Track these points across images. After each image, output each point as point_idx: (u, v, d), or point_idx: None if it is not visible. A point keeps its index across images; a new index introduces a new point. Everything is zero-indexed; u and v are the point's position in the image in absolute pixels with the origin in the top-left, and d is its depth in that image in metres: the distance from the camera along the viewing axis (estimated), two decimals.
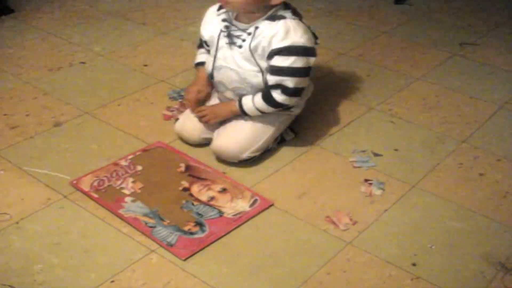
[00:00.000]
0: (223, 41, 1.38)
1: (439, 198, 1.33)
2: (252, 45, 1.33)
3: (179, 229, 1.20)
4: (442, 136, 1.56)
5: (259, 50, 1.33)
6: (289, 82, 1.33)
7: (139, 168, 1.37)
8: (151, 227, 1.20)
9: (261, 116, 1.39)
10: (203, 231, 1.20)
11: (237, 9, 1.33)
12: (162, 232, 1.19)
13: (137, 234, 1.20)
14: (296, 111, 1.45)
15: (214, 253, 1.16)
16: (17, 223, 1.22)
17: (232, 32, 1.37)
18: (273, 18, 1.33)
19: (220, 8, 1.41)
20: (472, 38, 2.14)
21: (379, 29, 2.19)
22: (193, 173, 1.36)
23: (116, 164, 1.38)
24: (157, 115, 1.60)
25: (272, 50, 1.31)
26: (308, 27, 1.38)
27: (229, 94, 1.42)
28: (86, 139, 1.49)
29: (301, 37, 1.32)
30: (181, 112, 1.54)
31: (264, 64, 1.34)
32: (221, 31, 1.39)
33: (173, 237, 1.18)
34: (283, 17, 1.33)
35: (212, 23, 1.42)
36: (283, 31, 1.31)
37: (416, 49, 2.04)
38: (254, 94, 1.38)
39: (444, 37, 2.14)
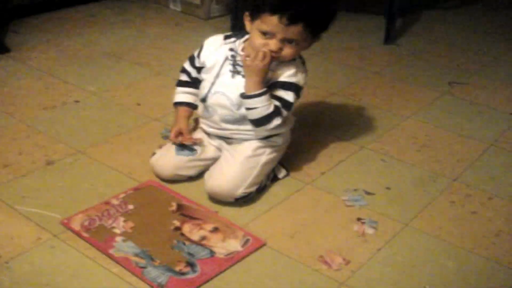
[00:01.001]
0: (227, 68, 1.43)
1: (432, 237, 1.33)
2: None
3: (170, 269, 1.19)
4: (433, 174, 1.57)
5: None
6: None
7: (131, 207, 1.37)
8: (141, 267, 1.19)
9: (249, 151, 1.42)
10: (194, 271, 1.19)
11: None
12: (153, 272, 1.18)
13: (127, 275, 1.18)
14: (278, 141, 1.46)
15: None
16: (7, 262, 1.20)
17: (238, 62, 1.41)
18: None
19: (226, 37, 1.46)
20: (460, 78, 2.18)
21: (369, 69, 2.22)
22: (185, 212, 1.36)
23: (107, 203, 1.38)
24: (149, 153, 1.60)
25: (279, 81, 1.39)
26: None
27: (216, 118, 1.45)
28: (79, 178, 1.49)
29: (303, 79, 1.43)
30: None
31: None
32: (227, 59, 1.43)
33: (164, 278, 1.16)
34: (293, 59, 1.41)
35: (218, 51, 1.45)
36: (294, 70, 1.40)
37: (405, 89, 2.08)
38: (240, 122, 1.42)
39: (433, 77, 2.18)
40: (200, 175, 1.48)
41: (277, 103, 1.39)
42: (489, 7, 3.05)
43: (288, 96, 1.40)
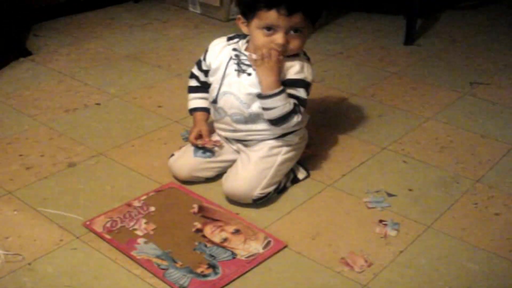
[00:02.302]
0: (232, 68, 1.43)
1: (455, 239, 1.31)
2: None
3: (192, 271, 1.19)
4: (455, 175, 1.55)
5: None
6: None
7: (152, 209, 1.38)
8: (163, 269, 1.19)
9: (264, 151, 1.42)
10: (216, 273, 1.19)
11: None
12: (175, 274, 1.18)
13: (148, 276, 1.19)
14: (294, 139, 1.46)
15: None
16: (29, 264, 1.21)
17: (242, 61, 1.42)
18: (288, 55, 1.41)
19: (229, 39, 1.47)
20: (482, 78, 2.15)
21: (389, 70, 2.21)
22: (206, 214, 1.36)
23: (129, 205, 1.39)
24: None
25: (288, 79, 1.39)
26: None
27: (227, 120, 1.45)
28: (100, 180, 1.50)
29: (311, 74, 1.42)
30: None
31: None
32: (231, 58, 1.44)
33: (185, 280, 1.17)
34: (297, 55, 1.42)
35: (222, 52, 1.46)
36: (300, 66, 1.40)
37: (426, 89, 2.06)
38: (252, 122, 1.43)
39: (454, 77, 2.15)
40: (219, 176, 1.48)
41: (294, 100, 1.39)
42: (509, 6, 3.00)
43: (299, 93, 1.40)
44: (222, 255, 1.24)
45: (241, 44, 1.45)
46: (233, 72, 1.43)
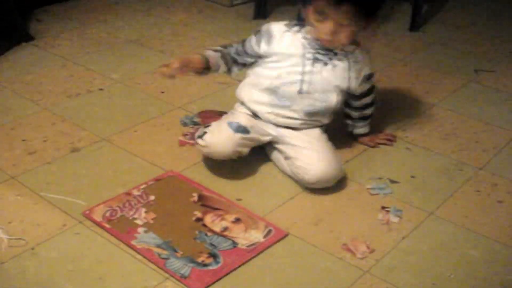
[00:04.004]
0: (307, 57, 1.41)
1: (457, 226, 1.31)
2: (349, 66, 1.44)
3: (193, 261, 1.19)
4: (459, 163, 1.55)
5: (354, 72, 1.45)
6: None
7: (152, 198, 1.37)
8: (164, 258, 1.19)
9: (320, 134, 1.48)
10: (217, 262, 1.19)
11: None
12: (176, 264, 1.18)
13: (151, 261, 1.19)
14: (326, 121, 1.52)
15: (230, 282, 1.15)
16: (33, 248, 1.22)
17: (318, 50, 1.41)
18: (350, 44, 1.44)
19: (289, 26, 1.44)
20: (486, 65, 2.13)
21: (394, 56, 2.19)
22: (206, 202, 1.36)
23: (128, 193, 1.38)
24: (173, 141, 1.61)
25: (365, 75, 1.48)
26: None
27: (296, 108, 1.44)
28: (103, 165, 1.50)
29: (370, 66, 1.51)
30: (194, 134, 1.53)
31: (347, 84, 1.45)
32: (305, 47, 1.41)
33: (186, 269, 1.17)
34: (355, 43, 1.46)
35: (293, 40, 1.43)
36: (368, 58, 1.49)
37: (431, 76, 2.04)
38: (321, 113, 1.47)
39: (459, 64, 2.14)
40: (221, 165, 1.48)
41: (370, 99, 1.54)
42: None
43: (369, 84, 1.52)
44: (223, 244, 1.24)
45: (306, 31, 1.42)
46: (309, 61, 1.41)
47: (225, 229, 1.28)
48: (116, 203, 1.35)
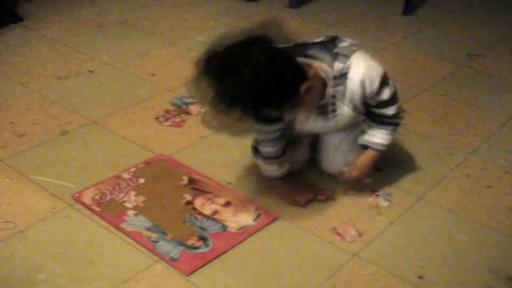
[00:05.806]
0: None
1: (446, 210, 1.32)
2: (347, 106, 1.25)
3: (182, 244, 1.19)
4: (449, 147, 1.55)
5: (354, 100, 1.23)
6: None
7: (142, 181, 1.37)
8: (153, 241, 1.19)
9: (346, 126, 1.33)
10: (206, 245, 1.19)
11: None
12: (165, 246, 1.18)
13: (141, 244, 1.19)
14: None
15: (219, 264, 1.16)
16: (22, 231, 1.21)
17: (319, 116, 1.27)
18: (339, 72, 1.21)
19: None
20: (479, 50, 2.13)
21: (387, 40, 2.18)
22: (196, 186, 1.36)
23: (118, 177, 1.38)
24: (163, 124, 1.60)
25: (372, 91, 1.24)
26: None
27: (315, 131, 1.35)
28: (92, 148, 1.49)
29: (379, 65, 1.26)
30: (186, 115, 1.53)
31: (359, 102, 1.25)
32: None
33: (176, 252, 1.17)
34: (346, 56, 1.20)
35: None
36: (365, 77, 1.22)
37: (423, 60, 2.04)
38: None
39: (452, 49, 2.13)
40: (203, 148, 1.47)
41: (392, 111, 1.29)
42: None
43: (385, 94, 1.27)
44: (213, 227, 1.24)
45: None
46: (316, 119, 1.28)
47: (215, 212, 1.28)
48: (105, 186, 1.34)
